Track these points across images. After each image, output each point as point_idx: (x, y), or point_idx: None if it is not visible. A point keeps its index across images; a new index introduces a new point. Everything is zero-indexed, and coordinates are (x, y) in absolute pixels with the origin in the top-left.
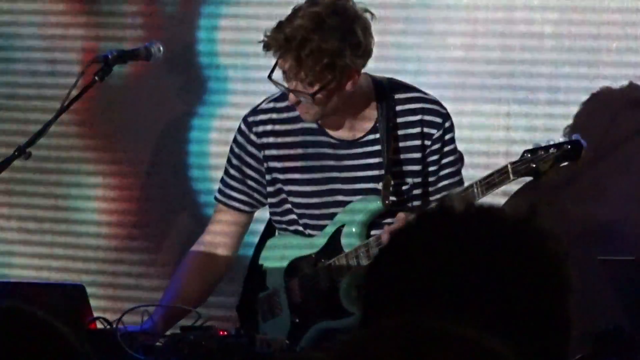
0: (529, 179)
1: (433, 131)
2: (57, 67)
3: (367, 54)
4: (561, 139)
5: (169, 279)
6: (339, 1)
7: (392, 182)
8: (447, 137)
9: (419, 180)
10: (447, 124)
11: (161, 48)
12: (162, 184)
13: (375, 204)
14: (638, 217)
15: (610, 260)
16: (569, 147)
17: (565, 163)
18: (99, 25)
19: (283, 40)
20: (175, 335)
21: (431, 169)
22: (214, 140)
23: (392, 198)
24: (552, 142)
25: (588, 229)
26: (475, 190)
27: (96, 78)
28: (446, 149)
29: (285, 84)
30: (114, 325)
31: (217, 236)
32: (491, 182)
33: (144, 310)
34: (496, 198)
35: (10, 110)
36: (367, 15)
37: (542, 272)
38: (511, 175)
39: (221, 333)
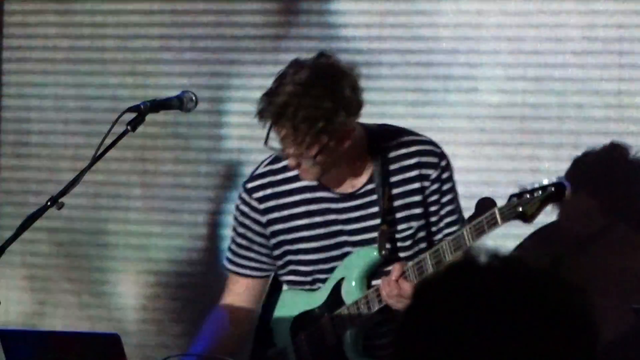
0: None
1: (430, 172)
2: (89, 115)
3: (359, 109)
4: (545, 181)
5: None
6: (322, 60)
7: (390, 230)
8: (444, 175)
9: (422, 222)
10: (443, 163)
11: (193, 97)
12: (191, 231)
13: (371, 255)
14: None
15: None
16: (553, 189)
17: (549, 203)
18: (131, 73)
19: (275, 112)
20: None
21: (432, 209)
22: None
23: (389, 246)
24: (536, 185)
25: (622, 278)
26: (466, 236)
27: (129, 128)
28: (445, 187)
29: (283, 149)
30: None
31: (234, 301)
32: (480, 228)
33: None
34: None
35: (43, 158)
36: (354, 71)
37: (568, 325)
38: (499, 221)
39: None
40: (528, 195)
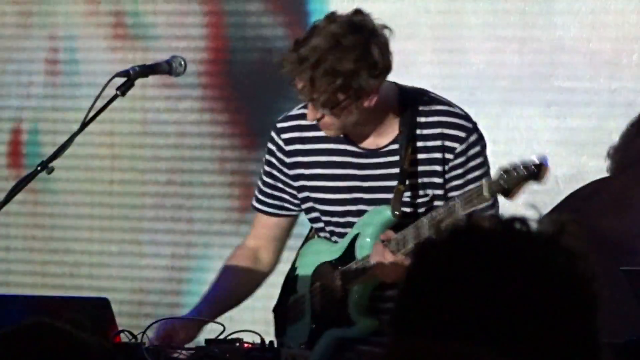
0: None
1: (455, 145)
2: (78, 79)
3: (384, 72)
4: (533, 158)
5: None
6: (356, 17)
7: (406, 194)
8: (471, 151)
9: (440, 193)
10: (472, 138)
11: (183, 62)
12: (185, 194)
13: (384, 214)
14: None
15: (633, 270)
16: (534, 167)
17: (529, 182)
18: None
19: (297, 60)
20: (200, 348)
21: (455, 183)
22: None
23: (405, 209)
24: (524, 162)
25: (611, 240)
26: (457, 206)
27: (118, 92)
28: (471, 163)
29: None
30: (139, 339)
31: (257, 241)
32: (470, 199)
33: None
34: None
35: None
36: (386, 32)
37: (571, 292)
38: (487, 195)
39: (246, 346)
40: (514, 172)
